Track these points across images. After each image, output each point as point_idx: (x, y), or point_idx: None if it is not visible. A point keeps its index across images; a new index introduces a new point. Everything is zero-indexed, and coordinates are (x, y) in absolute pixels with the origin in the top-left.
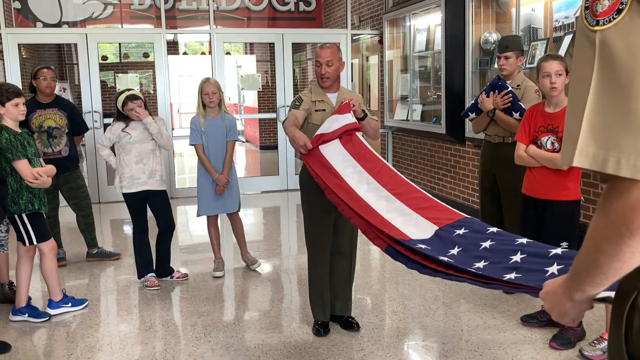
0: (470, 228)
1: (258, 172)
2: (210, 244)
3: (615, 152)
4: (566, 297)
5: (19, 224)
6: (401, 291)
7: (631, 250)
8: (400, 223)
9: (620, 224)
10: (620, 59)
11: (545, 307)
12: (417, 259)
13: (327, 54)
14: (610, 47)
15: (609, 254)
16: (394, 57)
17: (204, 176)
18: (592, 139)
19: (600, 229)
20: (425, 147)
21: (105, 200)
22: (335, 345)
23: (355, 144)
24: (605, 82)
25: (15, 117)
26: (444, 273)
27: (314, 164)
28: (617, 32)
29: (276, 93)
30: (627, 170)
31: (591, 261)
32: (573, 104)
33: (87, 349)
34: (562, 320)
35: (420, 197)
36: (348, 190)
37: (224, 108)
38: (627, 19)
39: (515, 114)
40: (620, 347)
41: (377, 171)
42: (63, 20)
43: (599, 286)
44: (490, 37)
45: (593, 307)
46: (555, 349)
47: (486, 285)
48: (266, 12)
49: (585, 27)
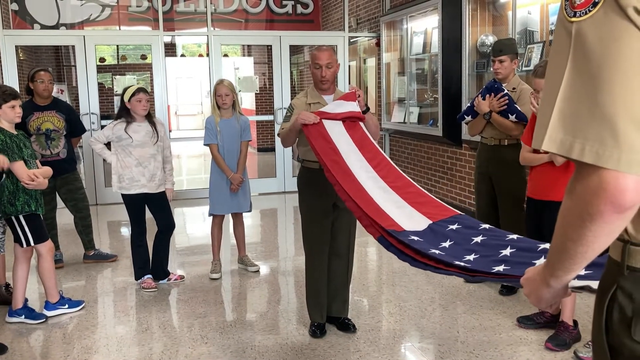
0: (463, 224)
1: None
2: (210, 244)
3: (580, 139)
4: (543, 282)
5: (16, 226)
6: (398, 293)
7: (593, 234)
8: (395, 214)
9: (582, 209)
10: (592, 50)
11: (524, 292)
12: (408, 252)
13: (326, 56)
14: (584, 38)
15: (574, 239)
16: (392, 59)
17: (218, 175)
18: (561, 125)
19: (566, 214)
20: (422, 150)
21: (102, 202)
22: (331, 347)
23: (358, 132)
24: (577, 71)
25: (11, 119)
26: (433, 267)
27: (314, 136)
28: (592, 24)
29: (273, 95)
30: (590, 157)
31: (560, 246)
32: (548, 91)
33: (84, 350)
34: (539, 304)
35: (417, 192)
36: (346, 171)
37: (238, 109)
38: (602, 13)
39: (512, 116)
40: (601, 339)
41: (377, 162)
42: (61, 22)
43: (570, 271)
44: (487, 39)
45: (570, 295)
46: (550, 350)
47: (473, 278)
48: (264, 15)
49: (564, 17)
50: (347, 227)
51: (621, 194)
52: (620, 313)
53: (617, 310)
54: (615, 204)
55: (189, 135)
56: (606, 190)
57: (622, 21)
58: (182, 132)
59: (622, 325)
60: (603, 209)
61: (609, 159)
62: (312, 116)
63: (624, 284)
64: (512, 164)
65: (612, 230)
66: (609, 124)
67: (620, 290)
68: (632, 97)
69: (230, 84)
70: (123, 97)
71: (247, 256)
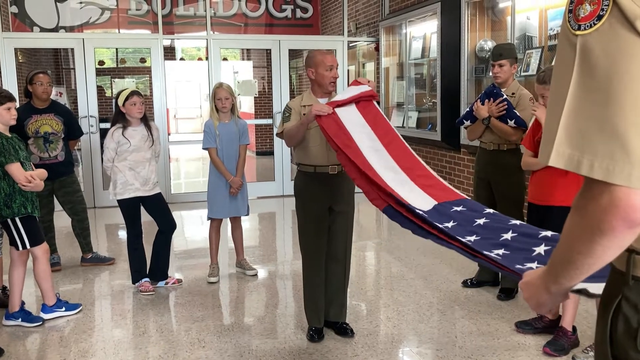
0: (468, 207)
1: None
2: (208, 247)
3: (589, 155)
4: (543, 288)
5: (12, 228)
6: (396, 297)
7: (602, 248)
8: (402, 191)
9: (593, 224)
10: (598, 64)
11: (524, 296)
12: (414, 219)
13: (333, 58)
14: (590, 52)
15: (583, 252)
16: (390, 64)
17: (216, 179)
18: (568, 140)
19: (574, 228)
20: (421, 154)
21: (100, 205)
22: (329, 352)
23: (371, 110)
24: (584, 86)
25: (6, 121)
26: (436, 236)
27: (328, 125)
28: (597, 38)
29: (272, 99)
30: (600, 173)
31: (566, 257)
32: (553, 105)
33: (81, 354)
34: (538, 309)
35: (426, 174)
36: (358, 154)
37: (237, 113)
38: (607, 26)
39: (510, 121)
40: (605, 350)
41: (389, 140)
42: (60, 25)
43: (574, 279)
44: (486, 45)
45: (569, 298)
46: (548, 354)
47: (473, 257)
48: (263, 19)
49: (568, 30)
50: (344, 231)
51: (634, 211)
52: (625, 324)
53: (622, 322)
54: (627, 220)
55: (187, 139)
56: (618, 207)
57: (629, 34)
58: (181, 136)
59: (627, 336)
60: (615, 225)
61: (620, 175)
62: (326, 107)
63: (629, 295)
64: (511, 168)
65: (622, 244)
66: (619, 139)
67: (625, 301)
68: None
69: (230, 87)
70: (117, 101)
71: (245, 260)
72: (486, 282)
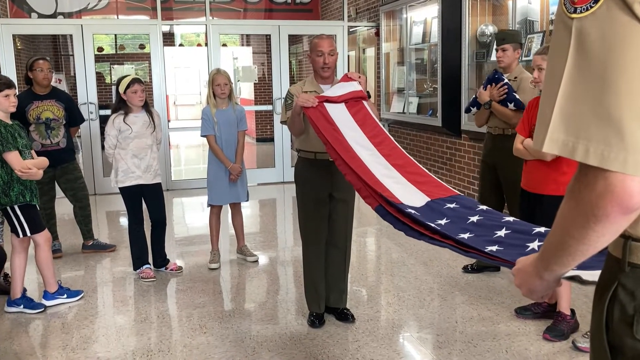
0: (461, 204)
1: (254, 165)
2: (209, 234)
3: (584, 140)
4: (536, 275)
5: (11, 216)
6: (396, 283)
7: (597, 234)
8: (394, 188)
9: (587, 210)
10: (594, 49)
11: (515, 282)
12: (406, 220)
13: (328, 44)
14: (585, 36)
15: (576, 237)
16: (391, 49)
17: (216, 166)
18: (562, 125)
19: (568, 214)
20: (422, 140)
21: (101, 192)
22: (330, 337)
23: (360, 111)
24: (579, 70)
25: (5, 108)
26: (429, 237)
27: (317, 118)
28: (594, 21)
29: (272, 85)
30: (595, 159)
31: (559, 243)
32: (547, 89)
33: (83, 340)
34: (530, 296)
35: (418, 172)
36: (347, 148)
37: (234, 99)
38: (604, 9)
39: (510, 104)
40: (601, 337)
41: (379, 141)
42: (58, 11)
43: (567, 266)
44: (487, 29)
45: (561, 285)
46: (548, 340)
47: (466, 254)
48: (262, 4)
49: (563, 13)
50: (344, 217)
51: (629, 197)
52: (621, 311)
53: (618, 308)
54: (622, 206)
55: (187, 125)
56: (613, 193)
57: (626, 18)
58: (181, 122)
59: (623, 323)
60: (610, 211)
61: (615, 161)
62: (311, 98)
63: (625, 281)
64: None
65: (617, 230)
66: (614, 124)
67: (621, 288)
68: (638, 97)
69: (227, 73)
70: (118, 88)
71: (245, 246)
72: (487, 267)
